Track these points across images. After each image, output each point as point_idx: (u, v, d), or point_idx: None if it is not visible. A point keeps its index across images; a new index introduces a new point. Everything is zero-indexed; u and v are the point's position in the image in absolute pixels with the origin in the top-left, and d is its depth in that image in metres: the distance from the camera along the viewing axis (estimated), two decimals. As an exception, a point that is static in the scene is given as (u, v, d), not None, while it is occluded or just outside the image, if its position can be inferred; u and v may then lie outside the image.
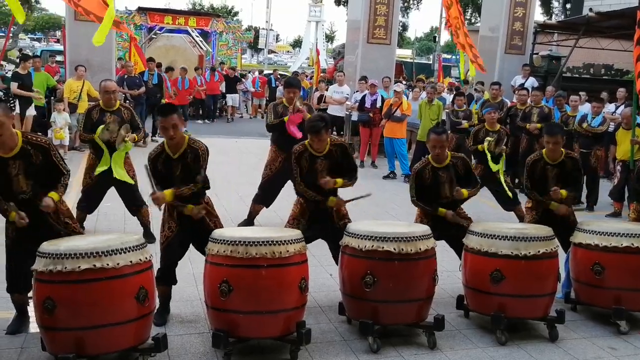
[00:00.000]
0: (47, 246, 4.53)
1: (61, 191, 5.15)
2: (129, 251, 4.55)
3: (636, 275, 5.88)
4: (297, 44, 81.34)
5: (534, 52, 20.06)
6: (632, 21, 8.43)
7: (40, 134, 6.69)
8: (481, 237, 5.68)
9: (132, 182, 7.72)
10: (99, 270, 4.37)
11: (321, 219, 6.17)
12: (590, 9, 18.53)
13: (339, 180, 6.04)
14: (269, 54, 64.34)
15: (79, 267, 4.32)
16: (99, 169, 7.57)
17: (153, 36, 28.92)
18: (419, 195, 6.37)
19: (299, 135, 8.05)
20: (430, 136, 6.36)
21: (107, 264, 4.40)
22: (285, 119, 8.34)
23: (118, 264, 4.45)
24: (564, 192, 6.39)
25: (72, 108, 14.34)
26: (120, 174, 7.57)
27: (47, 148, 5.05)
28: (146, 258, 4.72)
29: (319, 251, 6.93)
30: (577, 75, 26.07)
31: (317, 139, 5.95)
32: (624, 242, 5.83)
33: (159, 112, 5.61)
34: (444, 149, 6.29)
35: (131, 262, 4.53)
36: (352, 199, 6.24)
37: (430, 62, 38.75)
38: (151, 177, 5.41)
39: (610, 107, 14.54)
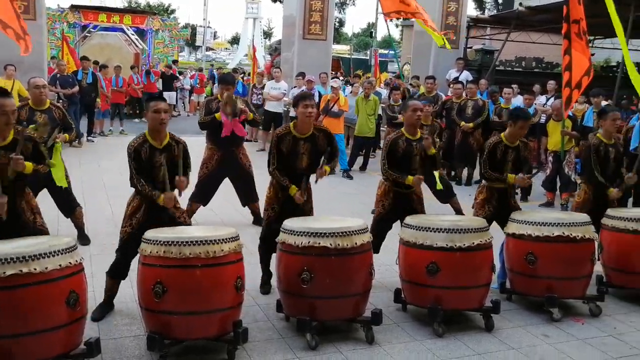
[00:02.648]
0: (-29, 252, 4.37)
1: None
2: (58, 254, 4.42)
3: (567, 263, 6.03)
4: (235, 41, 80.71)
5: (468, 46, 20.37)
6: (560, 15, 8.58)
7: None
8: (416, 229, 5.73)
9: (66, 185, 7.49)
10: (26, 275, 4.21)
11: (292, 202, 6.18)
12: (520, 4, 18.87)
13: (327, 168, 6.31)
14: (206, 51, 63.65)
15: (4, 272, 4.16)
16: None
17: (87, 34, 28.33)
18: (390, 165, 6.49)
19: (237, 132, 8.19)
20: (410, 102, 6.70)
21: (35, 269, 4.25)
22: (217, 115, 8.24)
23: (46, 268, 4.30)
24: (511, 177, 6.50)
25: (2, 108, 13.96)
26: (58, 177, 7.32)
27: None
28: (76, 261, 4.59)
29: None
30: (509, 69, 26.55)
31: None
32: (556, 231, 5.96)
33: (153, 97, 5.71)
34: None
35: (60, 265, 4.40)
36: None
37: (368, 57, 38.93)
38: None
39: (541, 99, 14.90)
